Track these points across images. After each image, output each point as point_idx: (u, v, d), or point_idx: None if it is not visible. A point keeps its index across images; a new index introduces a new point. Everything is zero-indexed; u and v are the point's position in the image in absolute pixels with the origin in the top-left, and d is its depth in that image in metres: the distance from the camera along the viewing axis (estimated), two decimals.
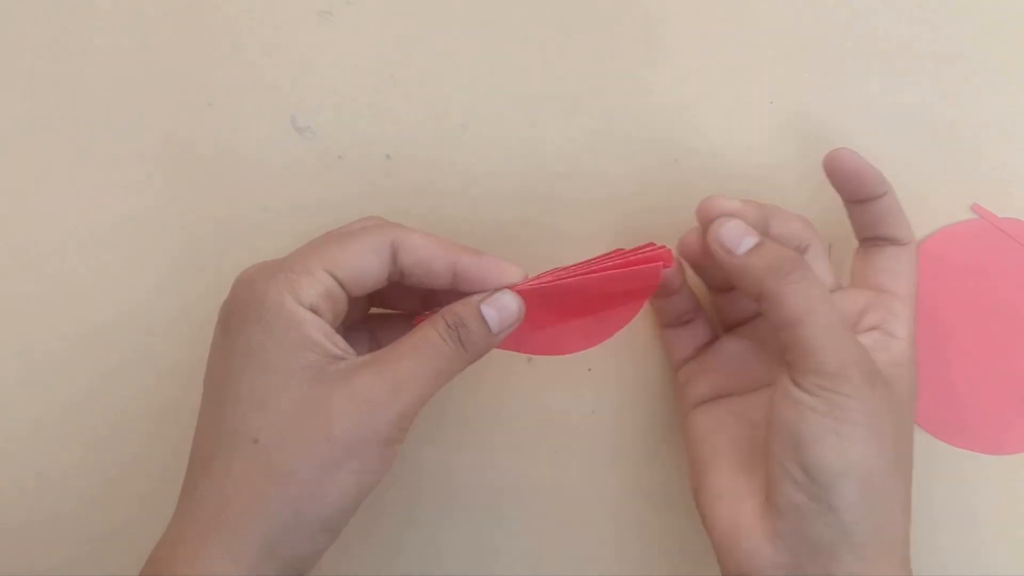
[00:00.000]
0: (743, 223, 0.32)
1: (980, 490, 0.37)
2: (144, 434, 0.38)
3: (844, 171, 0.34)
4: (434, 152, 0.38)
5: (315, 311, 0.29)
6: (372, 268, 0.31)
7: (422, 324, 0.31)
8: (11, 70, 0.39)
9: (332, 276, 0.30)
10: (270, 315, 0.29)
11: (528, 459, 0.37)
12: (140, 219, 0.38)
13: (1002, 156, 0.38)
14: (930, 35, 0.38)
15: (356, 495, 0.29)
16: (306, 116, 0.38)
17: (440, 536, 0.37)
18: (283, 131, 0.38)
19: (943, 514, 0.37)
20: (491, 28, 0.39)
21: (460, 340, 0.30)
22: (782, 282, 0.30)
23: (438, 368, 0.30)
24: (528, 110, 0.38)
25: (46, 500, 0.38)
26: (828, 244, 0.38)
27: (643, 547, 0.37)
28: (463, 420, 0.38)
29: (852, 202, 0.35)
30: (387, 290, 0.33)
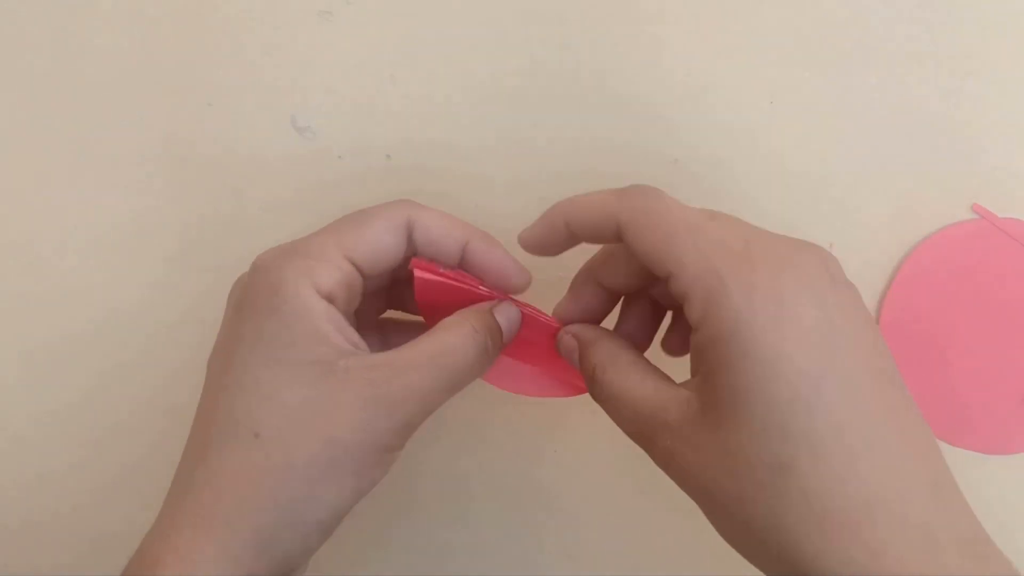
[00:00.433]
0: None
1: (980, 490, 0.37)
2: (144, 434, 0.38)
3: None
4: (434, 152, 0.38)
5: (331, 300, 0.29)
6: (389, 249, 0.31)
7: (439, 330, 0.30)
8: (11, 70, 0.39)
9: (350, 261, 0.30)
10: (285, 305, 0.28)
11: (528, 459, 0.37)
12: (140, 219, 0.38)
13: (1002, 156, 0.38)
14: (930, 35, 0.38)
15: (351, 498, 0.29)
16: (306, 116, 0.38)
17: (440, 536, 0.37)
18: (283, 131, 0.38)
19: None
20: (491, 28, 0.39)
21: (487, 348, 0.30)
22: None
23: (455, 380, 0.30)
24: (528, 110, 0.38)
25: (46, 500, 0.38)
26: (829, 244, 0.38)
27: (643, 547, 0.37)
28: (463, 420, 0.38)
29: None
30: (396, 288, 0.33)
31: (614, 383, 0.30)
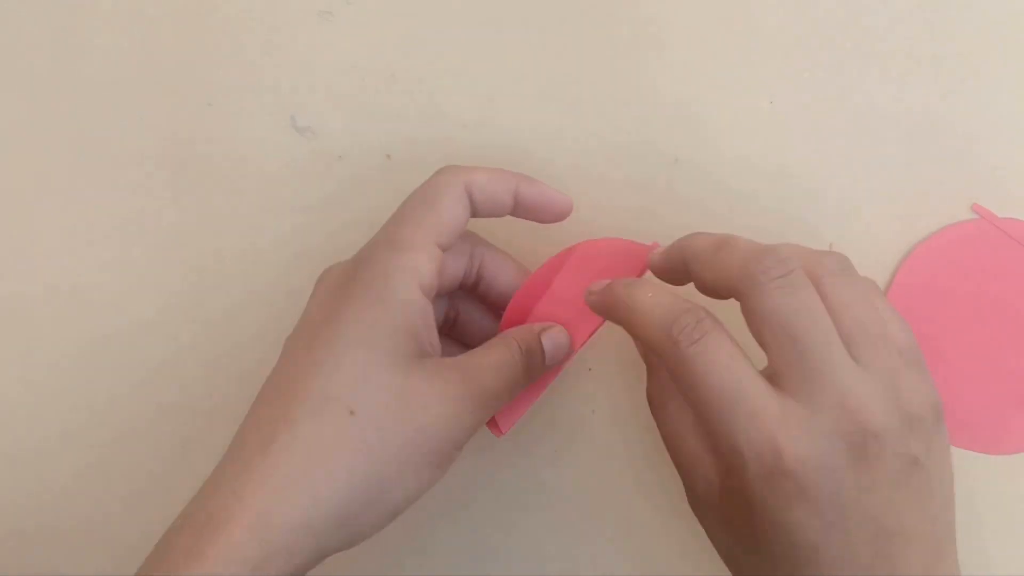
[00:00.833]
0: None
1: (980, 490, 0.37)
2: (145, 437, 0.38)
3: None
4: (434, 152, 0.38)
5: (427, 293, 0.30)
6: (460, 218, 0.32)
7: (495, 344, 0.32)
8: (11, 70, 0.39)
9: (437, 245, 0.31)
10: (393, 297, 0.29)
11: (528, 459, 0.37)
12: (140, 219, 0.38)
13: (1002, 156, 0.38)
14: (930, 35, 0.38)
15: (423, 489, 0.30)
16: (306, 116, 0.38)
17: (440, 536, 0.37)
18: (283, 131, 0.38)
19: None
20: (491, 28, 0.39)
21: (528, 367, 0.32)
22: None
23: (512, 390, 0.31)
24: (528, 110, 0.38)
25: (46, 503, 0.38)
26: (829, 244, 0.38)
27: (643, 547, 0.37)
28: None
29: None
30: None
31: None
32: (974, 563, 0.37)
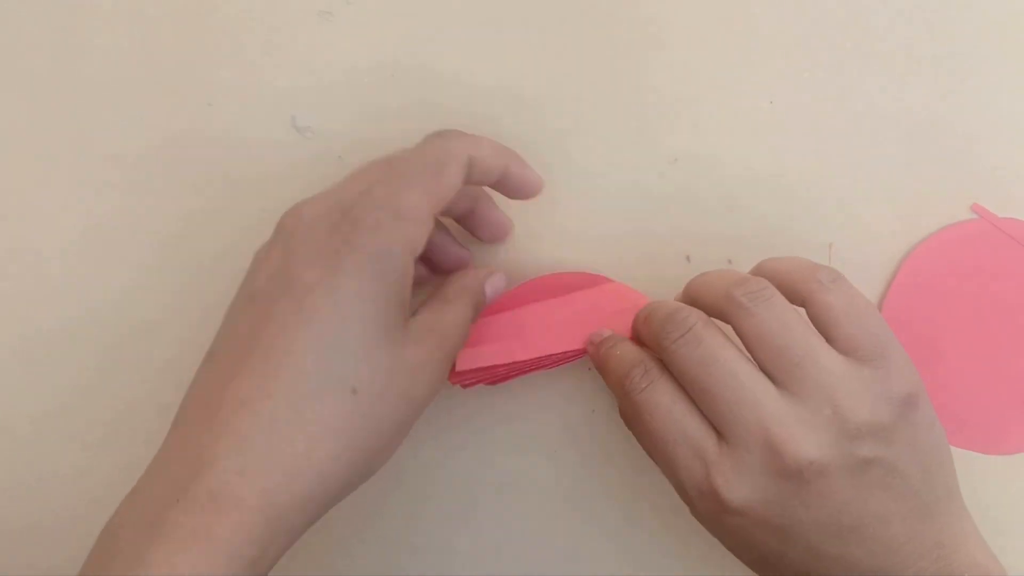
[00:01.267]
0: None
1: (980, 490, 0.37)
2: (145, 434, 0.38)
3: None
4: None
5: (415, 257, 0.30)
6: (457, 188, 0.32)
7: (453, 300, 0.33)
8: (11, 70, 0.39)
9: (432, 215, 0.31)
10: (393, 273, 0.29)
11: (528, 459, 0.37)
12: (140, 219, 0.38)
13: (1002, 156, 0.38)
14: (930, 35, 0.38)
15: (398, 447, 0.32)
16: (306, 116, 0.38)
17: (440, 535, 0.37)
18: (283, 131, 0.38)
19: None
20: (491, 28, 0.39)
21: (475, 316, 0.33)
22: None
23: (465, 335, 0.33)
24: (528, 110, 0.38)
25: (45, 500, 0.38)
26: (829, 244, 0.38)
27: (643, 547, 0.37)
28: (463, 420, 0.38)
29: None
30: None
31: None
32: None
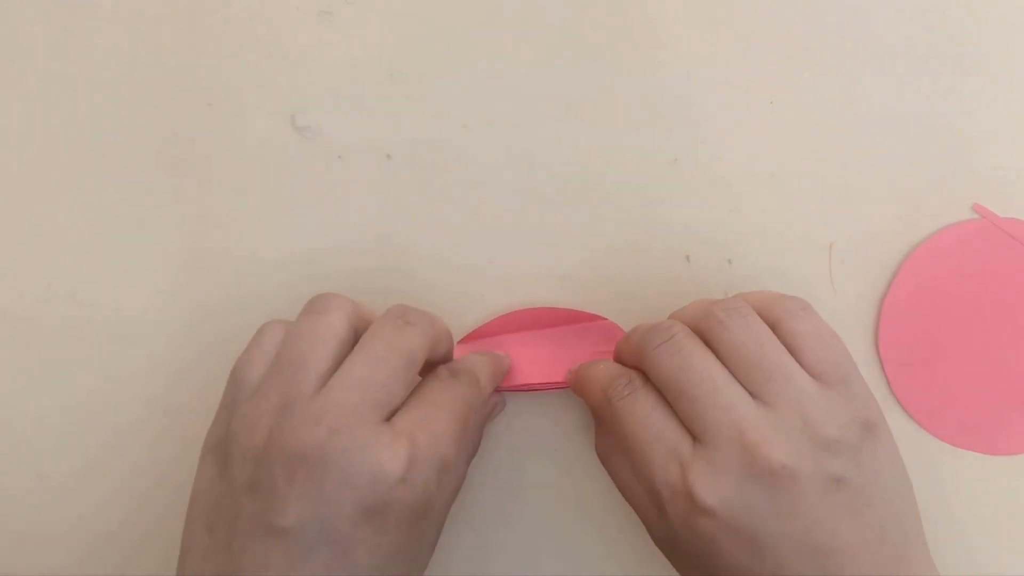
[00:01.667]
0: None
1: (980, 490, 0.37)
2: (146, 437, 0.38)
3: None
4: (434, 152, 0.38)
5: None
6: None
7: (431, 383, 0.33)
8: (11, 70, 0.39)
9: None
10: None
11: (528, 458, 0.37)
12: (140, 219, 0.38)
13: (1002, 156, 0.38)
14: (930, 35, 0.38)
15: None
16: (306, 116, 0.38)
17: (440, 535, 0.37)
18: (283, 131, 0.38)
19: (943, 514, 0.37)
20: (491, 28, 0.39)
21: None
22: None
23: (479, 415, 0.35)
24: (528, 110, 0.38)
25: (47, 502, 0.38)
26: (829, 244, 0.38)
27: (643, 547, 0.37)
28: None
29: None
30: None
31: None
32: (974, 563, 0.37)
